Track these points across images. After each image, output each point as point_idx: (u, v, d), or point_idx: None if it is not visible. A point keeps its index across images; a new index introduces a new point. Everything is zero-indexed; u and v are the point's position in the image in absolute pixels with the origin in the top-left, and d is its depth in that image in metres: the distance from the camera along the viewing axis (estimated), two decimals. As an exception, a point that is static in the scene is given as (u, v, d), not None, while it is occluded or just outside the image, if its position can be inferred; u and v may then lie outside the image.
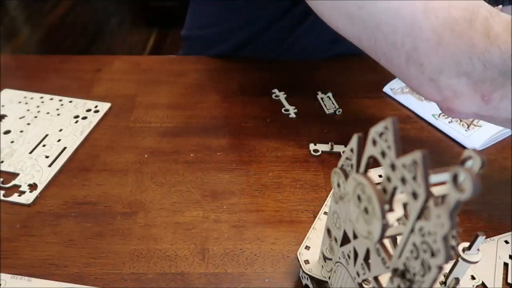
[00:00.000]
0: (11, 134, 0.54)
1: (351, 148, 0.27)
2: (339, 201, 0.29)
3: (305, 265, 0.35)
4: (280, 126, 0.56)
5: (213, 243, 0.41)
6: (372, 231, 0.25)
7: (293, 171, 0.49)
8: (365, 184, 0.25)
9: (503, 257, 0.39)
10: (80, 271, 0.39)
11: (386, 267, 0.26)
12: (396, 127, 0.23)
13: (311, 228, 0.39)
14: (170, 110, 0.58)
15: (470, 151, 0.23)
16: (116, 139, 0.53)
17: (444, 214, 0.20)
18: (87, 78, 0.64)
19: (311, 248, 0.37)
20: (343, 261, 0.31)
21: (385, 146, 0.24)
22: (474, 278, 0.35)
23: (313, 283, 0.35)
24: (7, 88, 0.61)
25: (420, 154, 0.21)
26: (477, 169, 0.22)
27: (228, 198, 0.46)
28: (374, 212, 0.24)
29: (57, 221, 0.43)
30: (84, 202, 0.45)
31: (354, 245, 0.29)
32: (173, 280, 0.38)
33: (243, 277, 0.39)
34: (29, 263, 0.39)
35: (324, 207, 0.42)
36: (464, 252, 0.31)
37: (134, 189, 0.47)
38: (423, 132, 0.55)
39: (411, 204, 0.23)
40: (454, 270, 0.32)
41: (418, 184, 0.22)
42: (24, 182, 0.47)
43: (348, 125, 0.56)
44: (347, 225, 0.29)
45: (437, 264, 0.21)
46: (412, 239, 0.23)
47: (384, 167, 0.24)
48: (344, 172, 0.28)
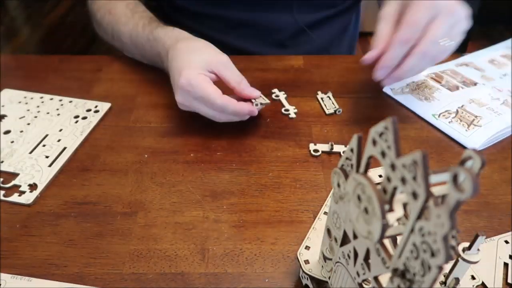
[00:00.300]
0: (11, 134, 0.54)
1: (351, 148, 0.27)
2: (339, 201, 0.29)
3: (305, 265, 0.35)
4: (280, 126, 0.56)
5: (213, 243, 0.41)
6: (372, 231, 0.25)
7: (293, 171, 0.49)
8: (365, 184, 0.25)
9: (503, 257, 0.39)
10: (80, 271, 0.39)
11: (386, 267, 0.26)
12: (396, 127, 0.23)
13: (311, 228, 0.39)
14: (170, 110, 0.58)
15: (470, 151, 0.23)
16: (116, 139, 0.53)
17: (444, 214, 0.20)
18: (87, 78, 0.64)
19: (311, 248, 0.37)
20: (343, 261, 0.31)
21: (385, 146, 0.24)
22: (474, 278, 0.35)
23: (313, 283, 0.35)
24: (7, 88, 0.61)
25: (420, 154, 0.21)
26: (477, 169, 0.22)
27: (228, 198, 0.46)
28: (374, 212, 0.24)
29: (57, 221, 0.43)
30: (84, 202, 0.45)
31: (354, 245, 0.29)
32: (173, 280, 0.38)
33: (243, 277, 0.39)
34: (29, 263, 0.39)
35: (324, 207, 0.42)
36: (464, 252, 0.31)
37: (134, 189, 0.47)
38: (423, 132, 0.55)
39: (411, 204, 0.23)
40: (454, 270, 0.32)
41: (418, 184, 0.22)
42: (24, 182, 0.47)
43: (348, 125, 0.56)
44: (347, 225, 0.29)
45: (437, 264, 0.21)
46: (412, 239, 0.23)
47: (384, 167, 0.24)
48: (344, 172, 0.28)
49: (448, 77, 0.64)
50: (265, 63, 0.67)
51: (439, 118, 0.56)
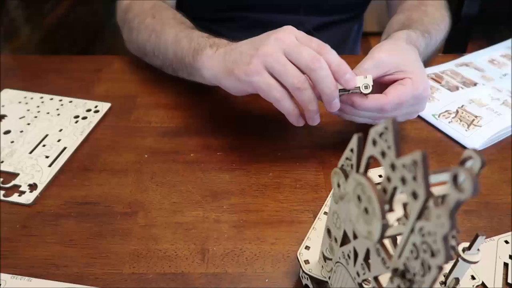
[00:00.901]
0: (11, 134, 0.54)
1: (351, 148, 0.27)
2: (339, 201, 0.29)
3: (305, 265, 0.35)
4: (280, 126, 0.55)
5: (213, 243, 0.41)
6: (372, 231, 0.25)
7: (293, 171, 0.49)
8: (365, 184, 0.25)
9: (503, 257, 0.39)
10: (80, 271, 0.39)
11: (386, 267, 0.26)
12: (396, 127, 0.23)
13: (311, 228, 0.39)
14: (170, 110, 0.58)
15: (470, 151, 0.23)
16: (116, 139, 0.53)
17: (444, 214, 0.20)
18: (87, 78, 0.64)
19: (311, 248, 0.37)
20: (343, 261, 0.31)
21: (385, 146, 0.24)
22: (474, 278, 0.35)
23: (313, 283, 0.35)
24: (7, 88, 0.61)
25: (420, 154, 0.21)
26: (477, 169, 0.22)
27: (228, 198, 0.46)
28: (374, 212, 0.24)
29: (57, 221, 0.43)
30: (84, 202, 0.45)
31: (354, 245, 0.29)
32: (173, 280, 0.38)
33: (243, 277, 0.39)
34: (29, 263, 0.39)
35: (324, 207, 0.42)
36: (464, 252, 0.31)
37: (134, 189, 0.47)
38: (423, 132, 0.55)
39: (411, 204, 0.23)
40: (454, 270, 0.32)
41: (418, 184, 0.22)
42: (24, 182, 0.47)
43: (348, 125, 0.56)
44: (347, 225, 0.29)
45: (437, 264, 0.21)
46: (412, 239, 0.23)
47: (384, 167, 0.24)
48: (344, 172, 0.28)
49: (448, 78, 0.64)
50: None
51: (439, 118, 0.56)
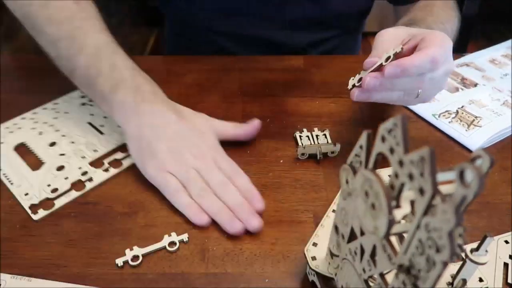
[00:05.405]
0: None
1: (360, 145, 0.27)
2: (347, 198, 0.29)
3: (312, 261, 0.35)
4: (280, 126, 0.55)
5: (213, 243, 0.41)
6: (378, 226, 0.25)
7: (293, 171, 0.49)
8: (373, 180, 0.25)
9: (503, 257, 0.39)
10: (80, 271, 0.39)
11: (392, 263, 0.26)
12: (405, 123, 0.23)
13: (319, 225, 0.39)
14: (170, 110, 0.57)
15: (480, 150, 0.23)
16: (116, 139, 0.53)
17: (449, 209, 0.21)
18: (87, 78, 0.64)
19: (318, 244, 0.37)
20: (349, 258, 0.31)
21: (393, 143, 0.24)
22: (482, 280, 0.35)
23: (320, 279, 0.35)
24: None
25: (428, 151, 0.21)
26: (486, 168, 0.23)
27: (228, 198, 0.46)
28: (381, 208, 0.25)
29: (57, 221, 0.43)
30: (84, 202, 0.45)
31: (361, 241, 0.29)
32: (173, 280, 0.38)
33: (243, 277, 0.39)
34: (29, 263, 0.39)
35: (332, 205, 0.42)
36: (472, 253, 0.31)
37: (134, 189, 0.47)
38: (423, 132, 0.55)
39: (418, 200, 0.23)
40: (462, 271, 0.32)
41: (425, 180, 0.22)
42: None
43: (348, 125, 0.56)
44: (354, 221, 0.29)
45: (442, 259, 0.22)
46: (418, 235, 0.23)
47: (392, 163, 0.24)
48: (353, 169, 0.28)
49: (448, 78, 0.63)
50: (265, 63, 0.67)
51: (439, 118, 0.56)
